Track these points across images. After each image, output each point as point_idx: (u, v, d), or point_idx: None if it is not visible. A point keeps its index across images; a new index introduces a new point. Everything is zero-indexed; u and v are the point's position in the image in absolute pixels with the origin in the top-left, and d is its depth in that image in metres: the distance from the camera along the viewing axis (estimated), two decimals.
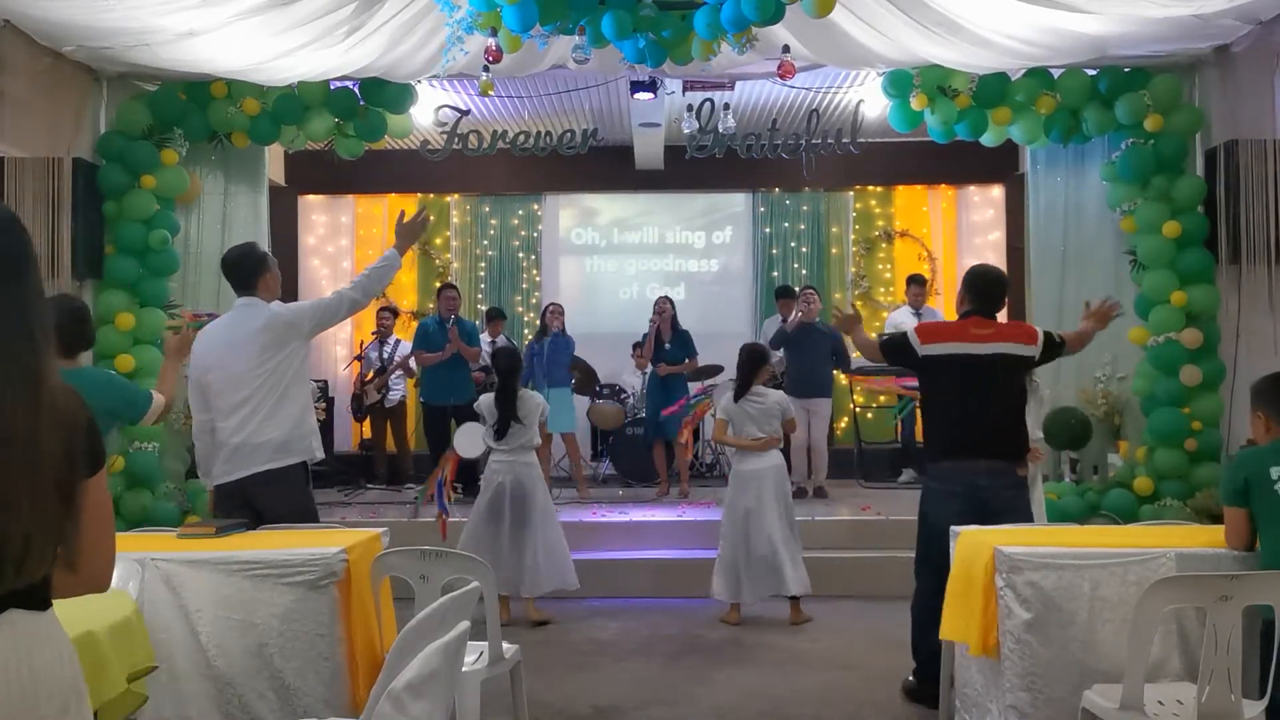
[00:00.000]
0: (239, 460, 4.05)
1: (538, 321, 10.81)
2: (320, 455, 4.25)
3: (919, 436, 7.74)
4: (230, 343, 4.10)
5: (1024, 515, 4.24)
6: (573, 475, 8.79)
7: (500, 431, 5.89)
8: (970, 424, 4.23)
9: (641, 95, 7.85)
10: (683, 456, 8.68)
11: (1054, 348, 4.44)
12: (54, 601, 1.76)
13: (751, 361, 5.96)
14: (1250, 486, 3.18)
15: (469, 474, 8.46)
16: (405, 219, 4.40)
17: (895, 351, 4.50)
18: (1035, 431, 5.73)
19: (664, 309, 8.54)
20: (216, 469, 4.12)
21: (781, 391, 6.39)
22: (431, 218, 4.39)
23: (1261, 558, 3.17)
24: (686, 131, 7.77)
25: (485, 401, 6.03)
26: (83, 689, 1.79)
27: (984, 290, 4.43)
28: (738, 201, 11.07)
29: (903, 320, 9.02)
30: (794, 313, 8.47)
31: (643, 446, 8.74)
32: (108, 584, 1.83)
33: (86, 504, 1.75)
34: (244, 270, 4.22)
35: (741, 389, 5.93)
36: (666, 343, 8.50)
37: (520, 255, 11.01)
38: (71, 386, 1.78)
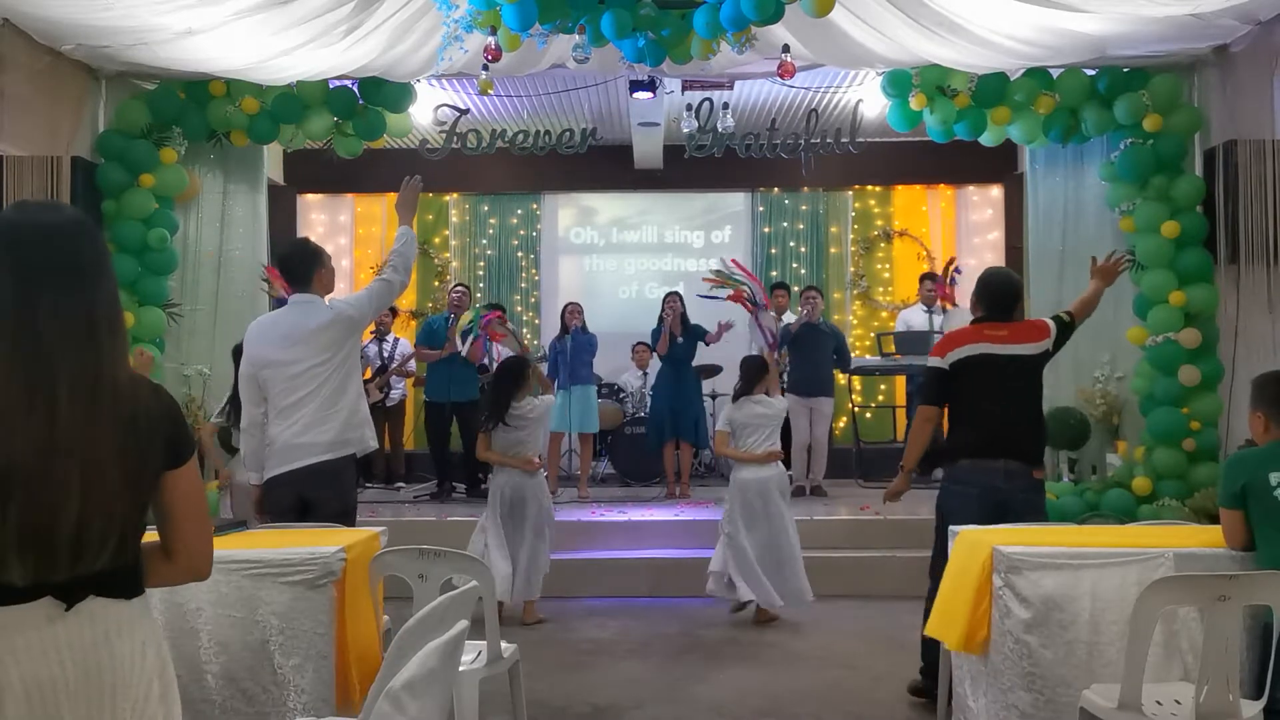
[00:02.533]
0: (293, 453, 4.01)
1: (537, 321, 10.86)
2: (374, 445, 4.24)
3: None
4: (289, 340, 4.05)
5: (1040, 517, 4.25)
6: (579, 473, 8.78)
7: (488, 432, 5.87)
8: (989, 425, 4.23)
9: (640, 94, 7.84)
10: (687, 458, 8.68)
11: (1066, 329, 4.44)
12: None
13: (755, 369, 6.03)
14: (1247, 492, 3.17)
15: (472, 475, 8.46)
16: (398, 200, 4.41)
17: (933, 386, 4.39)
18: None
19: (674, 306, 8.54)
20: (268, 464, 4.06)
21: (785, 399, 6.41)
22: (419, 178, 4.42)
23: (1259, 561, 3.17)
24: (685, 131, 7.77)
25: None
26: (170, 677, 1.85)
27: (996, 296, 4.44)
28: (737, 201, 11.06)
29: (913, 318, 9.02)
30: (800, 313, 8.50)
31: (647, 446, 8.73)
32: (207, 572, 1.93)
33: (172, 495, 1.84)
34: (300, 266, 4.17)
35: (743, 393, 5.98)
36: (679, 338, 8.53)
37: (519, 254, 11.01)
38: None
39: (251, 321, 4.31)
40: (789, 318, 8.99)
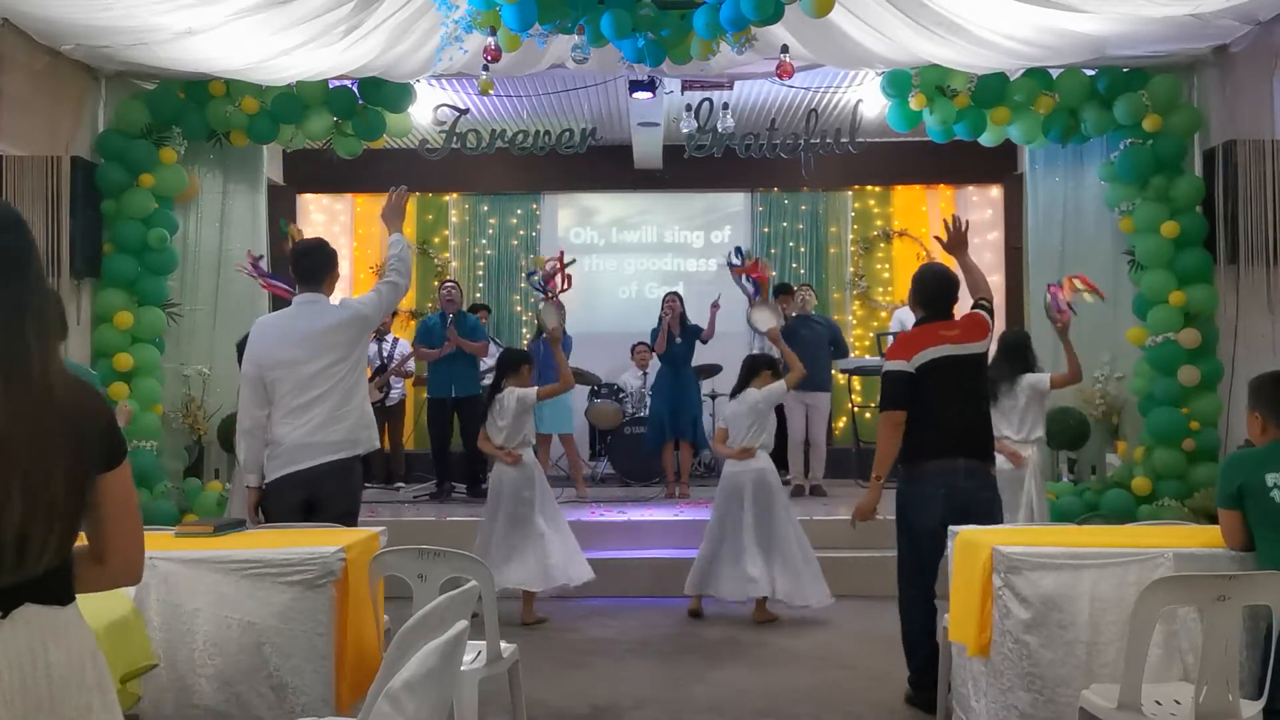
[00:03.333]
0: (304, 453, 3.99)
1: (536, 321, 10.85)
2: (378, 445, 4.26)
3: None
4: (299, 339, 4.02)
5: (996, 517, 4.26)
6: (571, 475, 8.78)
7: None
8: (950, 425, 4.23)
9: (640, 95, 7.84)
10: (686, 458, 8.67)
11: (992, 316, 4.50)
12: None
13: (745, 368, 6.16)
14: (1244, 492, 3.17)
15: (471, 475, 8.46)
16: (384, 209, 4.43)
17: (900, 391, 4.30)
18: (1037, 431, 5.73)
19: (673, 305, 8.55)
20: (272, 465, 4.04)
21: (758, 391, 6.33)
22: (405, 187, 4.46)
23: (1258, 561, 3.17)
24: (685, 131, 7.76)
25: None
26: (108, 684, 1.81)
27: (937, 294, 4.44)
28: (736, 201, 11.06)
29: (908, 317, 9.01)
30: (792, 311, 8.50)
31: (647, 446, 8.72)
32: (138, 576, 1.89)
33: (106, 498, 1.79)
34: (315, 265, 4.18)
35: (735, 391, 6.11)
36: (677, 338, 8.53)
37: (519, 254, 11.01)
38: (83, 380, 1.82)
39: (253, 322, 4.31)
40: None
